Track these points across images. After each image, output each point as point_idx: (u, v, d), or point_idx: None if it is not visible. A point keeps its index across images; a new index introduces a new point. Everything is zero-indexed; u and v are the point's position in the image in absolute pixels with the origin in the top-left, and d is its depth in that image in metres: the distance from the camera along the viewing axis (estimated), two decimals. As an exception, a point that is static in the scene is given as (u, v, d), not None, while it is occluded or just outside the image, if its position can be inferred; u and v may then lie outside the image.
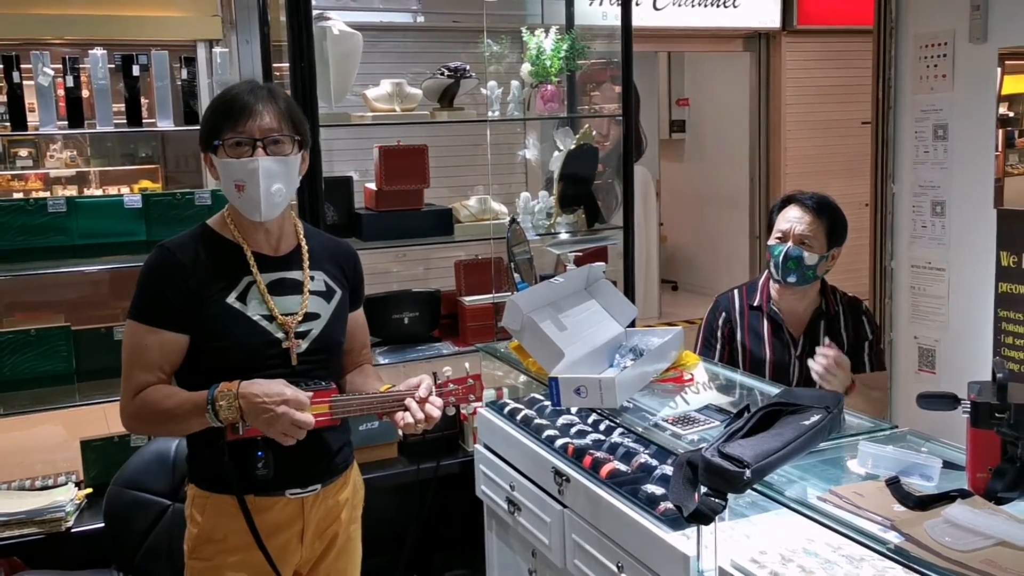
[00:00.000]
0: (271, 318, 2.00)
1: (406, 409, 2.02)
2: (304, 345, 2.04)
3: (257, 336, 1.99)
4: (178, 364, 1.99)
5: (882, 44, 3.76)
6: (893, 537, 1.52)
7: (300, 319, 2.04)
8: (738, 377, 2.65)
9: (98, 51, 2.81)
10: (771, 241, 2.87)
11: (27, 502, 2.77)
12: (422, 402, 2.03)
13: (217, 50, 3.03)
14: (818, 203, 2.84)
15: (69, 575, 2.47)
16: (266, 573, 2.03)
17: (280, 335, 2.01)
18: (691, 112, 9.11)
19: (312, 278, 2.09)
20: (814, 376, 2.71)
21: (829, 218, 2.83)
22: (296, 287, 2.06)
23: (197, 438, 2.02)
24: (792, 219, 2.83)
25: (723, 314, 2.99)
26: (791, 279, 2.81)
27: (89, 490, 2.93)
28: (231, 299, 1.98)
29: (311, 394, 1.96)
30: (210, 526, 2.02)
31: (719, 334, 2.98)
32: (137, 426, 2.06)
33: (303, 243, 2.12)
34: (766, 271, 2.96)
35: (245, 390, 1.88)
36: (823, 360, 2.67)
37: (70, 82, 2.78)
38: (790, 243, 2.80)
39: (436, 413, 2.05)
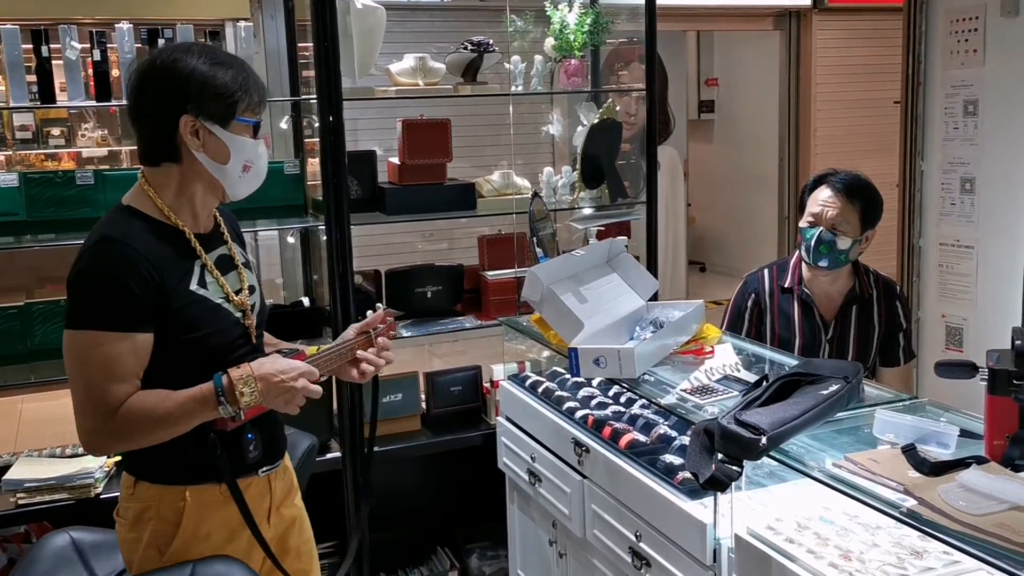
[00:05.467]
0: (227, 299, 1.94)
1: (358, 361, 2.07)
2: (254, 320, 2.01)
3: (225, 320, 1.93)
4: (146, 365, 1.84)
5: (912, 19, 3.71)
6: (907, 502, 1.52)
7: (248, 295, 1.99)
8: (758, 349, 2.64)
9: (124, 25, 2.84)
10: (803, 224, 2.80)
11: (58, 469, 2.83)
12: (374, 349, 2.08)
13: (242, 24, 3.04)
14: (850, 185, 2.76)
15: (100, 533, 2.50)
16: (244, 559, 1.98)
17: (238, 314, 1.96)
18: (720, 92, 9.04)
19: (234, 250, 2.03)
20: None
21: (862, 200, 2.75)
22: (230, 263, 2.00)
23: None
24: (823, 202, 2.76)
25: (752, 295, 2.93)
26: (823, 263, 2.76)
27: (118, 458, 2.98)
28: (194, 286, 1.88)
29: None
30: (193, 523, 1.90)
31: (747, 316, 2.93)
32: (120, 444, 1.87)
33: (219, 217, 2.04)
34: (797, 251, 2.89)
35: (261, 371, 1.83)
36: None
37: (97, 56, 2.81)
38: (822, 228, 2.74)
39: (391, 355, 2.12)
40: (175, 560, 1.90)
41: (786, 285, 2.90)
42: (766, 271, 2.97)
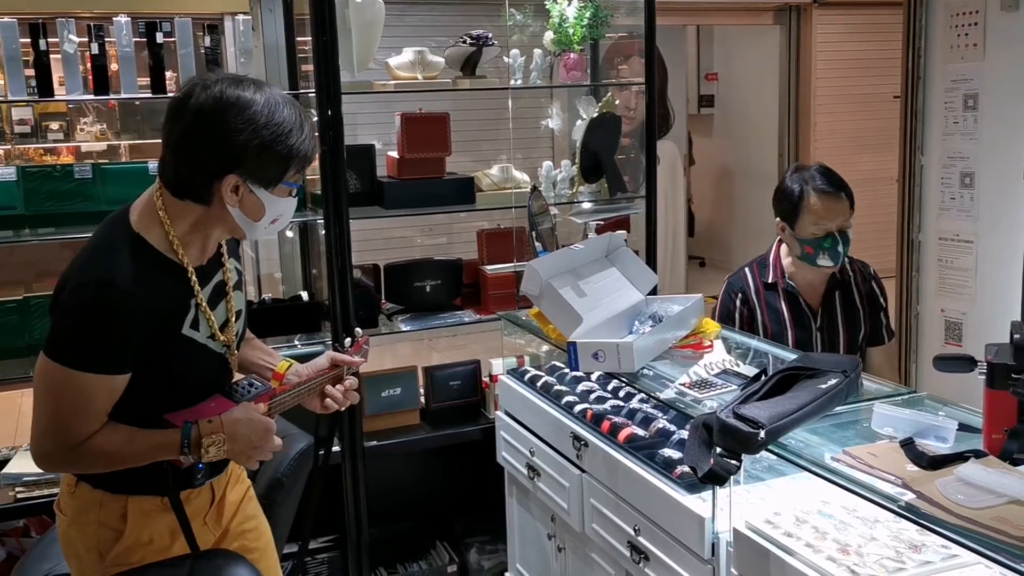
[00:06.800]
0: (213, 336, 1.88)
1: (325, 396, 2.07)
2: (235, 351, 1.97)
3: (210, 359, 1.89)
4: (117, 400, 1.78)
5: (912, 13, 3.71)
6: (905, 495, 1.51)
7: (234, 321, 1.94)
8: (757, 344, 2.64)
9: (122, 18, 2.83)
10: (809, 235, 2.77)
11: (56, 463, 2.83)
12: (342, 386, 2.08)
13: (240, 18, 3.03)
14: (834, 184, 2.80)
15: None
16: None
17: (222, 350, 1.91)
18: (720, 87, 9.02)
19: (230, 270, 1.96)
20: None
21: (847, 191, 2.81)
22: (222, 291, 1.93)
23: None
24: (832, 210, 2.77)
25: (739, 295, 2.94)
26: (841, 260, 2.82)
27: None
28: (186, 329, 1.82)
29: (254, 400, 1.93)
30: (136, 530, 1.86)
31: (737, 316, 2.94)
32: (72, 470, 1.85)
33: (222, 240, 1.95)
34: (774, 244, 2.94)
35: (232, 430, 1.79)
36: None
37: (95, 49, 2.81)
38: (835, 233, 2.76)
39: (356, 397, 2.13)
40: (118, 564, 1.86)
41: (769, 280, 2.92)
42: (747, 270, 2.99)
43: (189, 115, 1.73)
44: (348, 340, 2.16)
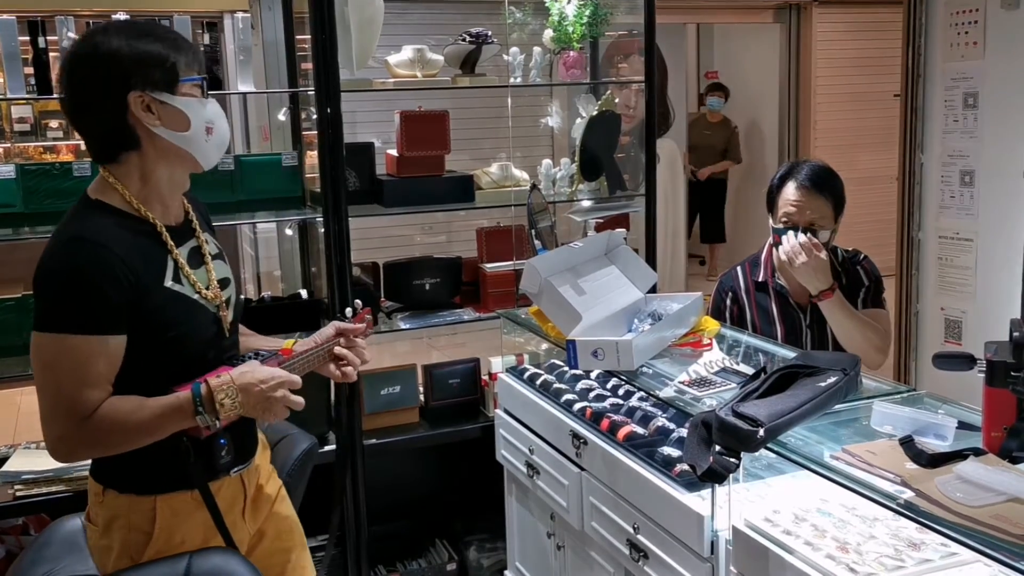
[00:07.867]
0: (201, 295, 1.88)
1: (338, 359, 2.05)
2: (230, 315, 1.95)
3: (203, 316, 1.87)
4: (119, 369, 1.77)
5: (912, 11, 3.71)
6: (904, 493, 1.51)
7: (220, 288, 1.93)
8: (756, 342, 2.64)
9: (122, 16, 2.83)
10: (778, 224, 2.75)
11: (54, 461, 2.82)
12: (351, 347, 2.07)
13: (240, 16, 3.03)
14: (815, 180, 2.72)
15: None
16: None
17: (214, 309, 1.90)
18: (720, 85, 9.03)
19: (206, 242, 1.96)
20: (776, 263, 2.76)
21: (831, 193, 2.73)
22: (199, 256, 1.92)
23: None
24: (796, 202, 2.71)
25: (729, 293, 2.93)
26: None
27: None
28: (168, 283, 1.82)
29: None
30: (166, 532, 1.85)
31: (727, 315, 2.93)
32: (89, 451, 1.81)
33: (189, 207, 1.97)
34: (767, 244, 2.89)
35: (241, 381, 1.78)
36: (787, 246, 2.69)
37: (94, 47, 2.80)
38: (800, 228, 2.69)
39: (367, 355, 2.11)
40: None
41: (760, 279, 2.90)
42: (739, 268, 2.97)
43: (65, 79, 1.80)
44: (349, 311, 2.12)
